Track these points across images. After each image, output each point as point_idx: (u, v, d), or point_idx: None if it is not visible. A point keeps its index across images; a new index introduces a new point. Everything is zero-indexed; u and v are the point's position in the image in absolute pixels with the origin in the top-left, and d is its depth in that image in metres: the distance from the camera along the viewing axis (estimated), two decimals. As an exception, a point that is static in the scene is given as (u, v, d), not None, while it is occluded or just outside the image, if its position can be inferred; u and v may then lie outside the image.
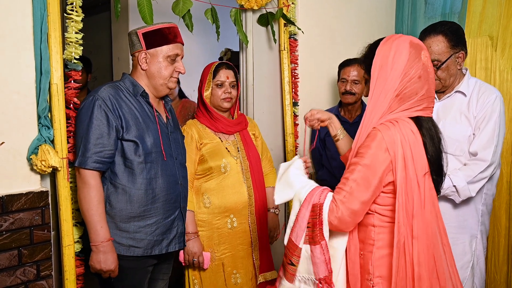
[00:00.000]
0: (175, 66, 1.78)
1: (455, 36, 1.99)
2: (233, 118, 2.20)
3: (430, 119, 1.44)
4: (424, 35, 2.05)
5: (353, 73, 2.56)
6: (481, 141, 1.96)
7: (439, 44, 1.98)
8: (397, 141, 1.33)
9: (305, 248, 1.43)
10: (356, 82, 2.56)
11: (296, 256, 1.44)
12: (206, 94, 2.11)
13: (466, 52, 2.05)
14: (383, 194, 1.39)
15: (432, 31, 2.01)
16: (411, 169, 1.33)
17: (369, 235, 1.42)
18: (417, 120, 1.40)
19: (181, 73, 1.81)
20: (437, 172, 1.42)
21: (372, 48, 1.49)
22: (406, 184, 1.33)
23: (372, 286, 1.40)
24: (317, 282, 1.41)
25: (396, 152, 1.33)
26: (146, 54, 1.73)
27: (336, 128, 1.72)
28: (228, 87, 2.11)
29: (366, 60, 1.51)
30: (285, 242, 1.49)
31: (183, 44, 1.82)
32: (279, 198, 1.52)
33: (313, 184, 1.49)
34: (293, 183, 1.50)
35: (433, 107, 1.45)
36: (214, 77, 2.10)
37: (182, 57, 1.81)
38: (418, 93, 1.39)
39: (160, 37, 1.73)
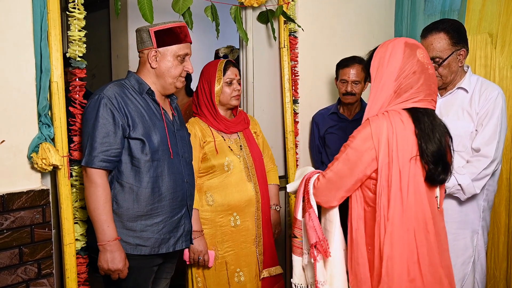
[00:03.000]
0: (184, 66, 1.78)
1: (457, 33, 2.00)
2: (234, 116, 2.20)
3: (430, 113, 1.50)
4: (426, 33, 2.05)
5: (353, 73, 2.54)
6: (483, 137, 1.97)
7: (440, 41, 1.99)
8: (382, 128, 1.43)
9: (303, 221, 1.61)
10: (356, 82, 2.54)
11: (297, 228, 1.64)
12: (217, 90, 2.10)
13: (467, 50, 2.06)
14: (371, 180, 1.48)
15: (434, 28, 2.02)
16: (394, 154, 1.42)
17: (363, 215, 1.52)
18: (414, 113, 1.47)
19: (189, 72, 1.81)
20: (435, 162, 1.45)
21: (372, 54, 1.60)
22: (388, 169, 1.42)
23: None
24: (309, 248, 1.55)
25: (380, 138, 1.43)
26: (156, 52, 1.72)
27: None
28: (237, 85, 2.14)
29: (368, 65, 1.62)
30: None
31: (191, 43, 1.82)
32: (289, 187, 1.74)
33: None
34: (302, 175, 1.70)
35: (431, 99, 1.50)
36: (224, 74, 2.11)
37: (190, 56, 1.81)
38: (413, 87, 1.48)
39: (172, 36, 1.72)
